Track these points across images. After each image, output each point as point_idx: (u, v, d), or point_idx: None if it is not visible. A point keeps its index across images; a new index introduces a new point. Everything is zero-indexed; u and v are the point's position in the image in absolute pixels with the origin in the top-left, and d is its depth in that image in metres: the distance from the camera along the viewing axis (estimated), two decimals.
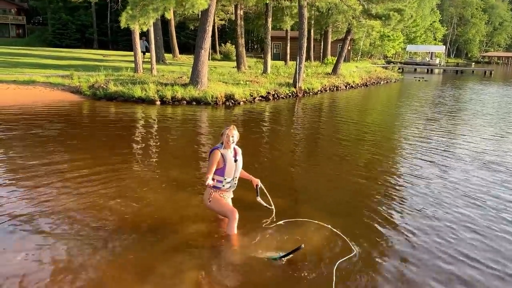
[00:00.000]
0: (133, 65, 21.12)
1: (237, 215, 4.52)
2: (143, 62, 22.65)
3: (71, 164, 7.10)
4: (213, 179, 4.50)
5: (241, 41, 26.57)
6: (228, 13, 40.39)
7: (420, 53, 69.00)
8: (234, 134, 4.53)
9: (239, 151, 4.71)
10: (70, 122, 11.06)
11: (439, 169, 7.62)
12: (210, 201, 4.62)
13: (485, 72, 51.61)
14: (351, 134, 11.17)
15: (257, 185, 4.86)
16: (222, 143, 4.56)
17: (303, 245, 3.98)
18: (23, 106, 12.87)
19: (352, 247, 4.36)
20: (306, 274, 3.89)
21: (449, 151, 9.13)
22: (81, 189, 5.91)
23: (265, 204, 4.93)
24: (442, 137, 10.83)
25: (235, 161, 4.60)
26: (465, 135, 11.20)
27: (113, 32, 48.85)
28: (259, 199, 4.86)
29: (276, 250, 4.18)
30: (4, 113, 11.74)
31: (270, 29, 25.41)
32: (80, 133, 9.90)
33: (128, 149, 8.49)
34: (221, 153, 4.48)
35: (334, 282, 3.70)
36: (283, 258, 4.01)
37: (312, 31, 37.58)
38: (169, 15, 16.13)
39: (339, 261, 4.04)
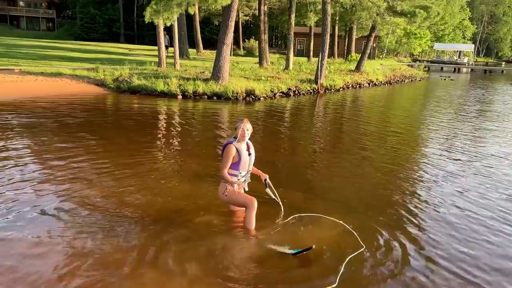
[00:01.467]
0: (157, 59, 21.43)
1: (256, 204, 4.55)
2: (167, 56, 22.98)
3: (93, 154, 7.32)
4: (228, 174, 4.57)
5: (264, 37, 26.59)
6: (252, 9, 40.43)
7: (448, 52, 67.47)
8: (248, 127, 4.57)
9: (251, 144, 4.75)
10: (94, 114, 11.35)
11: (462, 171, 7.48)
12: (226, 196, 4.65)
13: None
14: (372, 133, 11.08)
15: (265, 180, 4.91)
16: (235, 137, 4.59)
17: (314, 246, 4.00)
18: (50, 98, 13.26)
19: (362, 243, 4.37)
20: (313, 268, 3.93)
21: (473, 153, 8.95)
22: (102, 177, 6.09)
23: (273, 197, 4.99)
24: (466, 138, 10.63)
25: (249, 154, 4.64)
26: (491, 136, 10.96)
27: (139, 26, 49.64)
28: (267, 190, 4.92)
29: (288, 244, 4.21)
30: (32, 103, 12.13)
31: (293, 25, 25.33)
32: (103, 124, 10.16)
33: (149, 141, 8.67)
34: (235, 147, 4.52)
35: (339, 276, 3.72)
36: (293, 255, 4.05)
37: (336, 27, 37.31)
38: (193, 10, 16.30)
39: (348, 257, 4.06)
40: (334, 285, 3.59)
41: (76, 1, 53.96)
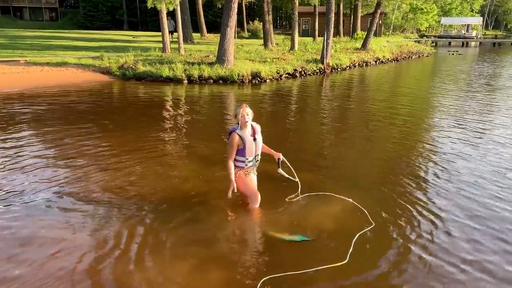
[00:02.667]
0: (161, 45, 21.34)
1: (259, 198, 4.57)
2: (171, 42, 22.85)
3: (101, 141, 7.37)
4: (235, 160, 4.55)
5: (268, 18, 26.27)
6: None
7: (456, 26, 66.15)
8: (248, 112, 4.51)
9: (258, 128, 4.66)
10: (100, 102, 11.40)
11: (471, 149, 7.37)
12: (235, 181, 4.60)
13: None
14: (380, 111, 11.00)
15: (278, 159, 4.88)
16: (238, 124, 4.54)
17: (312, 238, 4.02)
18: (56, 87, 13.31)
19: (372, 220, 4.38)
20: (324, 245, 3.96)
21: (483, 131, 8.84)
22: (111, 163, 6.16)
23: (287, 176, 4.98)
24: (475, 114, 10.51)
25: (254, 139, 4.58)
26: (501, 114, 10.83)
27: (142, 13, 49.20)
28: (280, 170, 4.89)
29: (295, 227, 4.23)
30: (38, 94, 12.20)
31: (297, 4, 24.98)
32: (110, 111, 10.21)
33: (156, 126, 8.70)
34: (238, 135, 4.47)
35: (350, 253, 3.75)
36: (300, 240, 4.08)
37: (341, 5, 36.74)
38: None
39: (358, 234, 4.08)
40: (345, 261, 3.62)
41: None
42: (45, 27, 44.68)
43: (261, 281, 3.33)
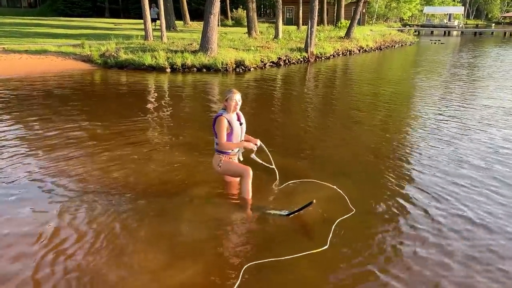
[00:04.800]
0: (143, 33, 21.03)
1: (251, 172, 4.52)
2: (154, 29, 22.53)
3: (82, 131, 7.26)
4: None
5: (252, 5, 26.08)
6: None
7: (438, 15, 66.84)
8: (239, 98, 4.51)
9: (241, 114, 4.70)
10: (81, 91, 11.20)
11: (454, 135, 7.51)
12: (220, 166, 4.64)
13: (504, 33, 50.00)
14: (363, 99, 11.09)
15: (256, 144, 4.77)
16: (224, 109, 4.55)
17: (314, 201, 4.09)
18: (36, 75, 13.04)
19: (352, 207, 4.44)
20: (306, 231, 4.02)
21: (464, 118, 9.00)
22: (91, 151, 6.09)
23: (260, 161, 4.87)
24: (457, 103, 10.68)
25: (240, 124, 4.61)
26: (481, 100, 11.03)
27: (124, 0, 48.35)
28: (253, 156, 4.77)
29: (283, 208, 4.29)
30: (17, 82, 11.92)
31: None
32: (91, 100, 10.04)
33: (139, 115, 8.60)
34: (226, 119, 4.46)
35: (329, 239, 3.81)
36: (294, 213, 4.16)
37: None
38: None
39: (338, 220, 4.15)
40: (326, 247, 3.68)
41: None
42: (23, 14, 43.55)
43: (244, 268, 3.36)
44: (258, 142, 4.76)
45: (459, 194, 4.89)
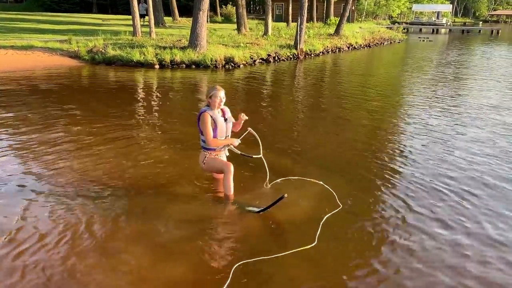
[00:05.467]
0: (132, 29, 20.83)
1: (232, 168, 4.52)
2: (142, 25, 22.33)
3: (70, 127, 7.16)
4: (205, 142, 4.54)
5: (242, 2, 25.99)
6: None
7: (426, 13, 67.33)
8: (223, 95, 4.51)
9: (227, 109, 4.68)
10: (67, 86, 11.06)
11: (440, 132, 7.58)
12: (204, 163, 4.65)
13: (491, 32, 50.56)
14: (352, 96, 11.12)
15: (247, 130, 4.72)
16: (207, 106, 4.54)
17: (286, 195, 4.04)
18: (22, 71, 12.84)
19: (339, 203, 4.45)
20: (293, 228, 4.02)
21: (451, 115, 9.08)
22: (78, 148, 6.02)
23: (240, 152, 4.71)
24: (444, 101, 10.76)
25: (225, 120, 4.60)
26: (466, 98, 11.14)
27: None
28: (231, 147, 4.69)
29: (264, 214, 4.24)
30: (2, 77, 11.73)
31: None
32: (79, 96, 9.91)
33: (127, 112, 8.52)
34: (210, 115, 4.46)
35: (317, 235, 3.81)
36: (267, 208, 4.13)
37: None
38: None
39: (326, 216, 4.15)
40: (313, 244, 3.68)
41: None
42: (9, 9, 42.89)
43: (234, 267, 3.34)
44: (250, 129, 4.78)
45: (445, 189, 4.93)
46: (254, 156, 4.75)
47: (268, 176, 4.90)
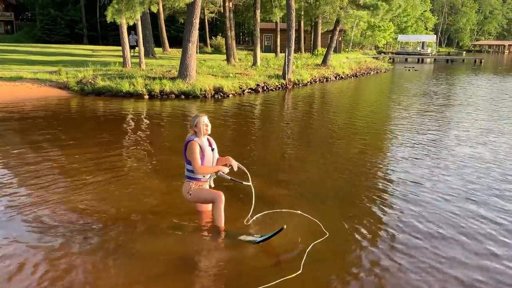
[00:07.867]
0: (122, 59, 21.06)
1: (223, 197, 4.43)
2: (132, 56, 22.59)
3: (58, 157, 7.14)
4: (192, 172, 4.47)
5: (231, 33, 26.51)
6: (217, 6, 40.23)
7: (412, 43, 69.20)
8: (207, 121, 4.49)
9: (212, 139, 4.67)
10: (57, 118, 11.06)
11: (428, 162, 7.69)
12: (190, 194, 4.53)
13: (475, 61, 51.95)
14: (339, 126, 11.28)
15: (227, 165, 4.63)
16: (193, 134, 4.49)
17: (285, 226, 4.05)
18: (9, 103, 12.84)
19: (325, 231, 4.46)
20: (279, 257, 4.01)
21: (438, 144, 9.25)
22: (67, 179, 5.98)
23: (229, 178, 4.53)
24: (431, 131, 10.96)
25: (212, 150, 4.58)
26: (453, 127, 11.36)
27: (103, 27, 48.42)
28: (221, 173, 4.51)
29: (250, 247, 4.20)
30: None
31: (259, 21, 25.34)
32: (67, 127, 9.91)
33: (115, 141, 8.53)
34: (198, 144, 4.42)
35: (302, 263, 3.81)
36: (265, 240, 4.13)
37: (302, 22, 37.57)
38: (155, 9, 16.13)
39: (312, 244, 4.16)
40: (299, 272, 3.67)
41: (35, 3, 52.19)
42: (0, 41, 43.16)
43: None
44: (233, 163, 4.60)
45: (431, 216, 4.97)
46: (244, 183, 4.59)
47: (252, 209, 4.69)
